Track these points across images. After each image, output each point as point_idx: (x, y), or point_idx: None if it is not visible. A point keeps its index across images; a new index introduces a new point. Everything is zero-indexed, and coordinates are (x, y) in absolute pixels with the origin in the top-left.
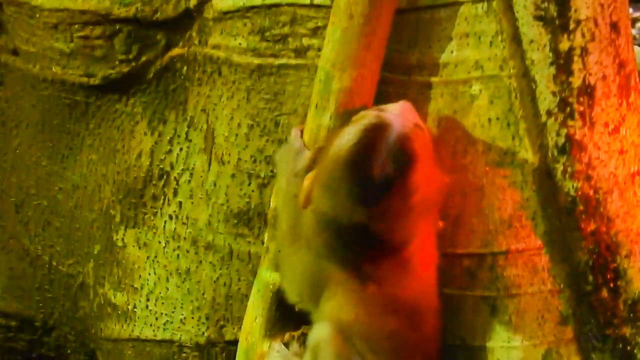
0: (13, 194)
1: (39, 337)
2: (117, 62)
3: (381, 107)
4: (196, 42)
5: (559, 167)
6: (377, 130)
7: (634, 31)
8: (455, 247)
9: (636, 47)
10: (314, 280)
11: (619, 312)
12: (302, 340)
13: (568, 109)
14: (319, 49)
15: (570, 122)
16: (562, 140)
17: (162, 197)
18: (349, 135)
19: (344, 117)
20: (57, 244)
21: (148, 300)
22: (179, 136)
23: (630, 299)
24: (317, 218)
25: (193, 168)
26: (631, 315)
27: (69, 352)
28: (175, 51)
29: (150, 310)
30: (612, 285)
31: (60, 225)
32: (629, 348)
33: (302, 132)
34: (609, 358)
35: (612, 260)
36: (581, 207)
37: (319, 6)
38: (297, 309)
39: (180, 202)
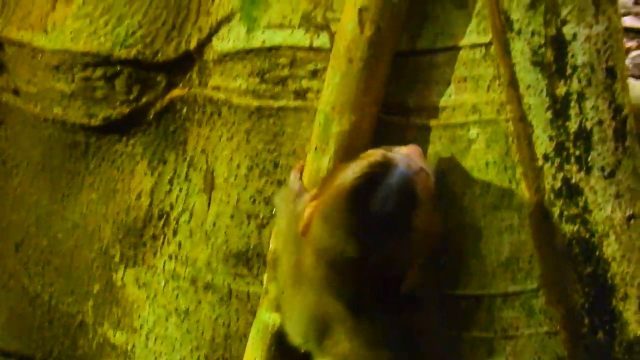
0: (13, 233)
1: None
2: (117, 103)
3: (390, 148)
4: (196, 83)
5: (556, 211)
6: (381, 168)
7: (627, 61)
8: (453, 288)
9: (632, 80)
10: (318, 320)
11: (614, 354)
12: None
13: (565, 153)
14: (318, 91)
15: (566, 166)
16: (558, 184)
17: (162, 237)
18: (353, 170)
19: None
20: (56, 283)
21: (147, 339)
22: (178, 176)
23: (625, 341)
24: (316, 250)
25: (193, 208)
26: (627, 357)
27: None
28: (176, 92)
29: (150, 349)
30: (607, 327)
31: (59, 265)
32: None
33: (301, 173)
34: None
35: (608, 303)
36: (577, 250)
37: (318, 49)
38: (302, 351)
39: (180, 242)
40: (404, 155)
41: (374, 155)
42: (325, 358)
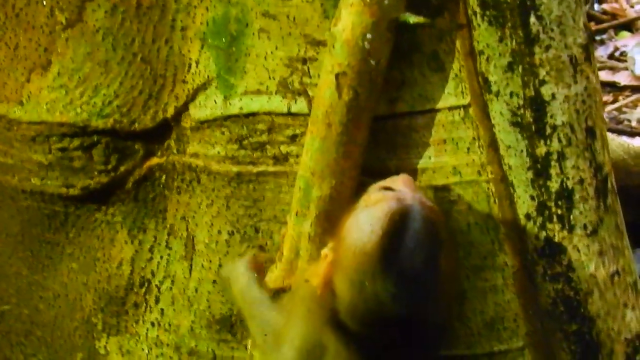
0: None
1: None
2: (95, 173)
3: (388, 185)
4: (174, 151)
5: (539, 270)
6: (400, 219)
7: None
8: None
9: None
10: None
11: None
12: None
13: (547, 213)
14: (298, 156)
15: (549, 225)
16: (541, 244)
17: (144, 304)
18: (371, 225)
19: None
20: (39, 353)
21: None
22: (159, 244)
23: None
24: (342, 310)
25: (174, 275)
26: None
27: None
28: (154, 160)
29: None
30: None
31: (42, 334)
32: None
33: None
34: None
35: None
36: (562, 309)
37: (296, 114)
38: None
39: (162, 309)
40: (408, 192)
41: (384, 200)
42: None
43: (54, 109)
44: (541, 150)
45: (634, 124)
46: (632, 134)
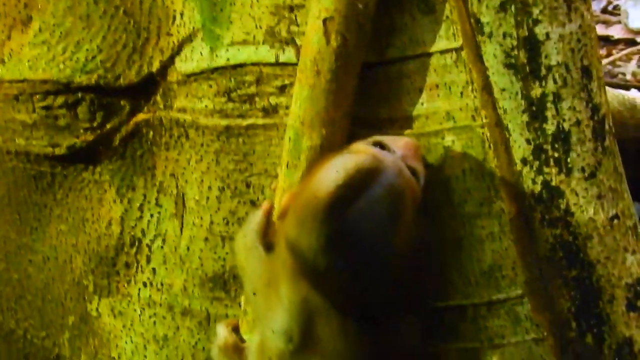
0: None
1: None
2: (81, 131)
3: (386, 142)
4: (161, 106)
5: (537, 216)
6: (367, 175)
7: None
8: (436, 300)
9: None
10: (301, 313)
11: (604, 358)
12: None
13: (543, 156)
14: (287, 107)
15: (546, 169)
16: (538, 188)
17: (135, 264)
18: (337, 171)
19: None
20: (30, 317)
21: None
22: (149, 202)
23: (614, 344)
24: (288, 247)
25: (165, 234)
26: (616, 359)
27: None
28: (141, 117)
29: None
30: (596, 330)
31: (32, 298)
32: None
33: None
34: None
35: (595, 306)
36: (561, 254)
37: (284, 64)
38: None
39: (154, 269)
40: (397, 156)
41: (364, 155)
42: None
43: (36, 66)
44: (536, 91)
45: (628, 77)
46: (627, 87)
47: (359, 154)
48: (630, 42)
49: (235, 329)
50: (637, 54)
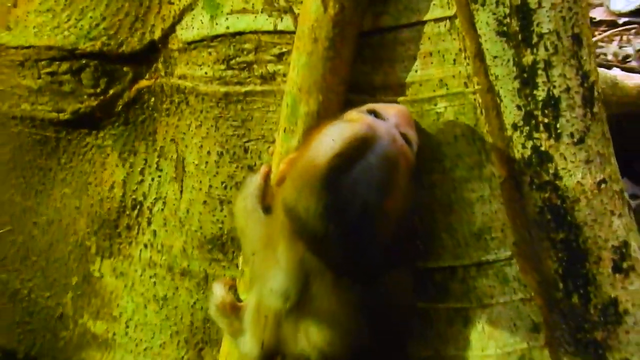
0: None
1: None
2: (85, 97)
3: (379, 110)
4: (162, 73)
5: (526, 179)
6: (361, 145)
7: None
8: (427, 261)
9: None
10: (297, 273)
11: (589, 317)
12: None
13: (533, 122)
14: (285, 75)
15: (535, 135)
16: (528, 153)
17: (137, 226)
18: (333, 140)
19: None
20: (35, 277)
21: (127, 327)
22: (149, 166)
23: (600, 304)
24: (285, 211)
25: (165, 197)
26: (602, 319)
27: None
28: (142, 83)
29: (130, 337)
30: (582, 291)
31: (37, 259)
32: (600, 351)
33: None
34: None
35: (581, 268)
36: (549, 217)
37: (282, 32)
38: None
39: (155, 231)
40: (391, 124)
41: (358, 124)
42: (303, 318)
43: (42, 33)
44: (528, 59)
45: (610, 57)
46: (609, 67)
47: (353, 123)
48: (612, 24)
49: (232, 288)
50: (618, 35)
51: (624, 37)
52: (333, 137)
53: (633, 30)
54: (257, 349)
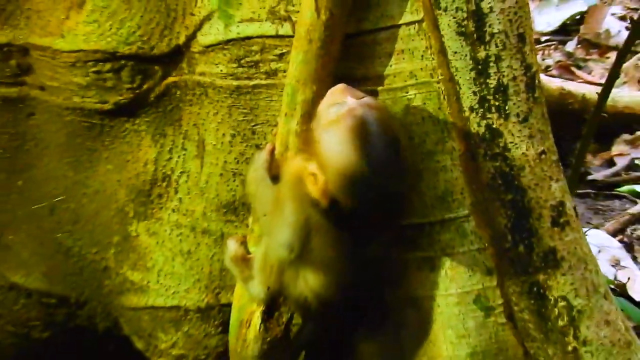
0: (47, 200)
1: (74, 311)
2: (124, 91)
3: (336, 101)
4: (186, 71)
5: (481, 151)
6: (361, 129)
7: None
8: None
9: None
10: (301, 229)
11: (533, 263)
12: None
13: (486, 105)
14: (285, 71)
15: (488, 115)
16: (482, 130)
17: (166, 195)
18: (341, 145)
19: None
20: (84, 237)
21: (159, 276)
22: (176, 146)
23: (542, 252)
24: (347, 207)
25: (189, 171)
26: (543, 264)
27: (98, 321)
28: (170, 79)
29: (161, 284)
30: (527, 242)
31: (85, 223)
32: (541, 290)
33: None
34: (526, 299)
35: (526, 223)
36: (500, 182)
37: (283, 36)
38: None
39: (180, 198)
40: (352, 101)
41: (341, 120)
42: (303, 267)
43: (89, 40)
44: (481, 54)
45: None
46: None
47: (339, 123)
48: (536, 41)
49: (243, 244)
50: (541, 50)
51: (546, 52)
52: (340, 144)
53: (552, 46)
54: (263, 292)
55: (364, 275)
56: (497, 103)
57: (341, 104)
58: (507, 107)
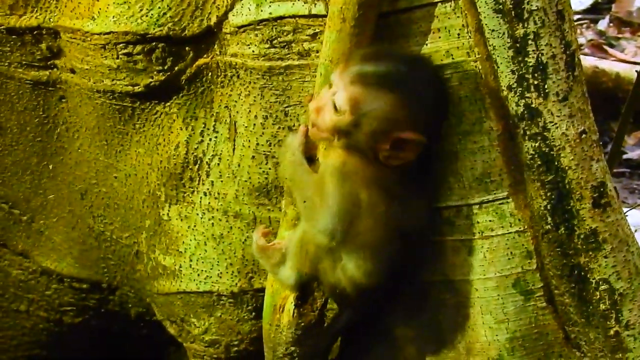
0: (78, 185)
1: (106, 296)
2: (155, 73)
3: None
4: (217, 52)
5: (520, 132)
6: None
7: None
8: (436, 202)
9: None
10: (345, 215)
11: (574, 245)
12: None
13: (525, 84)
14: (317, 51)
15: (527, 94)
16: (521, 109)
17: (197, 178)
18: (374, 100)
19: None
20: (115, 221)
21: (191, 261)
22: (208, 129)
23: (582, 234)
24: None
25: (221, 153)
26: (584, 246)
27: (130, 306)
28: (201, 61)
29: (193, 268)
30: (567, 224)
31: (117, 207)
32: (582, 273)
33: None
34: (567, 282)
35: (566, 204)
36: (539, 162)
37: (316, 15)
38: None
39: (212, 181)
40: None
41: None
42: (343, 253)
43: (119, 21)
44: (519, 31)
45: None
46: None
47: None
48: None
49: (266, 235)
50: None
51: (578, 30)
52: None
53: (584, 25)
54: (294, 278)
55: (404, 256)
56: (536, 82)
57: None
58: (546, 86)
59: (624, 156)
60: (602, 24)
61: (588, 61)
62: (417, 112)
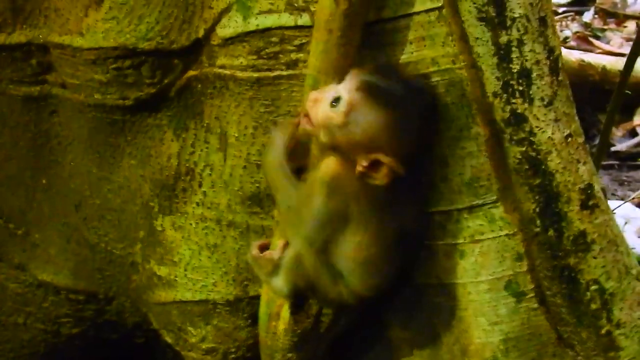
0: (72, 197)
1: (102, 307)
2: (145, 86)
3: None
4: (206, 64)
5: (507, 137)
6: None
7: None
8: (428, 206)
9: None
10: (331, 225)
11: (563, 247)
12: None
13: (510, 90)
14: (305, 61)
15: (513, 100)
16: (507, 115)
17: (190, 188)
18: (366, 115)
19: None
20: (110, 233)
21: (186, 270)
22: (199, 140)
23: (571, 236)
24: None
25: (212, 164)
26: (573, 248)
27: (127, 316)
28: (191, 73)
29: (188, 277)
30: (556, 226)
31: (111, 218)
32: (573, 274)
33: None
34: (557, 283)
35: (555, 207)
36: (527, 166)
37: (302, 27)
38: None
39: (205, 192)
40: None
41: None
42: (339, 264)
43: (108, 37)
44: (503, 39)
45: None
46: None
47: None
48: (554, 13)
49: (262, 247)
50: (558, 22)
51: (563, 23)
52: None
53: (570, 17)
54: (287, 288)
55: (402, 260)
56: (521, 88)
57: (335, 96)
58: (531, 92)
59: (613, 148)
60: (588, 16)
61: (575, 55)
62: (406, 142)
